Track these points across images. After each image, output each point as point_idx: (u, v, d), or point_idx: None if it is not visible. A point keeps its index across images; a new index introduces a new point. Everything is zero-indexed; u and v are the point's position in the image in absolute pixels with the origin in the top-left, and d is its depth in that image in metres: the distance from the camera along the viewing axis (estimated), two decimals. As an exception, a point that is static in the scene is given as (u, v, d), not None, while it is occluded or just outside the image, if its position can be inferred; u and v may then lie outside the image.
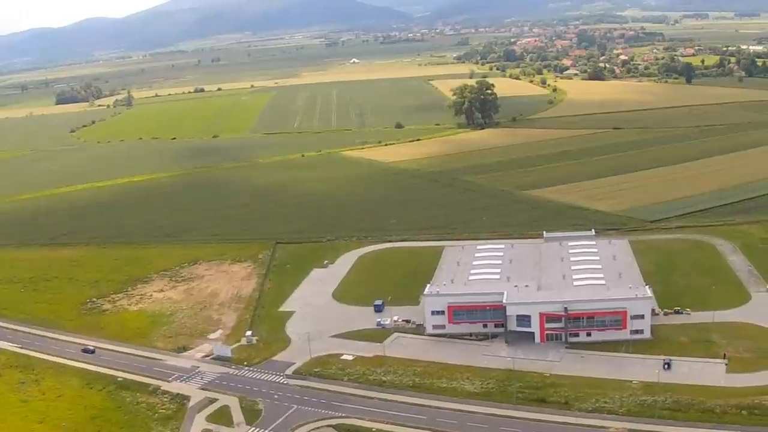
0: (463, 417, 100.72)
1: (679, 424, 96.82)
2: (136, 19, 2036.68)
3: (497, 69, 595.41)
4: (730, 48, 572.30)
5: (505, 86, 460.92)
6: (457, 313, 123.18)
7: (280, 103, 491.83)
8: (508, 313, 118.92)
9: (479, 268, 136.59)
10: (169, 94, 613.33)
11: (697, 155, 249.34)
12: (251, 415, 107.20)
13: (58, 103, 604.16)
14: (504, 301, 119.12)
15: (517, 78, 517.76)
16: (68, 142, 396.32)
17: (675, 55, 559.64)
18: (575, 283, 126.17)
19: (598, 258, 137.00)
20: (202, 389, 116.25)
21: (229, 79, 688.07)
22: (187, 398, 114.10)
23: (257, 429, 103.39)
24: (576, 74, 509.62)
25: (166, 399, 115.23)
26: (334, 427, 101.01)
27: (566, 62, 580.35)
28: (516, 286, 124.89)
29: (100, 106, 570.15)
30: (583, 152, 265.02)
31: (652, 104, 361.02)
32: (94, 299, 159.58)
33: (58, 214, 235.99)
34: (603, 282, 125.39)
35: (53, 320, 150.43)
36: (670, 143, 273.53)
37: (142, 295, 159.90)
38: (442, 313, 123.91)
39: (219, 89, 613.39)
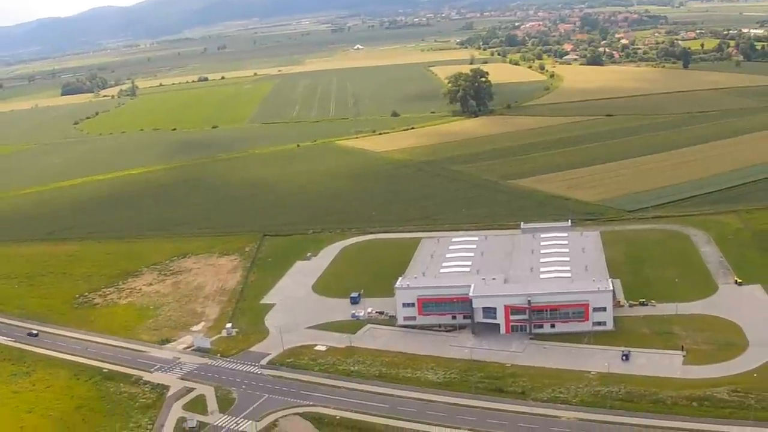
0: (423, 406, 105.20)
1: (629, 415, 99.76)
2: (144, 6, 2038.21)
3: (498, 54, 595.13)
4: (731, 31, 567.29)
5: (503, 72, 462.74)
6: (426, 305, 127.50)
7: (281, 91, 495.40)
8: (474, 306, 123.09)
9: (451, 261, 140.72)
10: (173, 84, 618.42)
11: (684, 143, 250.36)
12: (225, 403, 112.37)
13: (63, 94, 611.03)
14: (470, 293, 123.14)
15: (517, 63, 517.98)
16: (72, 135, 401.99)
17: (676, 39, 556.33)
18: (542, 275, 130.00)
19: (567, 250, 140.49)
20: (182, 379, 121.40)
21: (234, 68, 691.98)
22: (166, 388, 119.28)
23: (229, 417, 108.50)
24: (575, 59, 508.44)
25: (147, 389, 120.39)
26: (300, 414, 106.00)
27: (567, 47, 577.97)
28: (484, 278, 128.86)
29: (104, 96, 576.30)
30: (572, 140, 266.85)
31: (647, 90, 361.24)
32: (86, 293, 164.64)
33: (58, 208, 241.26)
34: (569, 275, 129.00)
35: (47, 315, 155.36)
36: (659, 131, 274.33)
37: (131, 288, 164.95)
38: (413, 305, 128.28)
39: (222, 78, 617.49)
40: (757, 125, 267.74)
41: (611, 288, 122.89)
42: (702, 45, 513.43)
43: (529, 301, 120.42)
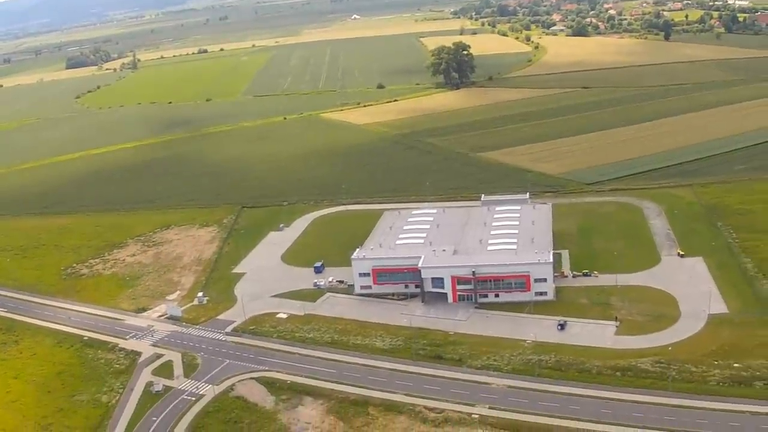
0: (367, 371, 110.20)
1: (554, 383, 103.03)
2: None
3: (489, 25, 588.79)
4: (716, 2, 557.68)
5: (491, 43, 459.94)
6: (380, 275, 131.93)
7: (276, 63, 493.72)
8: (423, 276, 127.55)
9: (408, 233, 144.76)
10: (174, 56, 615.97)
11: (653, 116, 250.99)
12: (190, 368, 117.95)
13: (68, 67, 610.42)
14: (419, 265, 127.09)
15: (505, 34, 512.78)
16: (73, 109, 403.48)
17: (663, 10, 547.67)
18: (489, 247, 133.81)
19: (517, 223, 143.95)
20: (153, 346, 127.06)
21: (235, 39, 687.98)
22: (138, 354, 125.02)
23: (192, 381, 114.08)
24: (562, 30, 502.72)
25: (121, 355, 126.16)
26: (256, 379, 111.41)
27: (555, 17, 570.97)
28: (434, 250, 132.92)
29: (107, 69, 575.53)
30: (545, 113, 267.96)
31: (625, 62, 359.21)
32: (75, 265, 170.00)
33: (53, 183, 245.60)
34: (514, 247, 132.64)
35: (37, 285, 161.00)
36: (631, 103, 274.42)
37: (116, 259, 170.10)
38: (368, 275, 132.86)
39: (222, 49, 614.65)
40: (727, 98, 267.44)
41: (551, 260, 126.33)
42: (686, 16, 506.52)
43: (473, 272, 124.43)
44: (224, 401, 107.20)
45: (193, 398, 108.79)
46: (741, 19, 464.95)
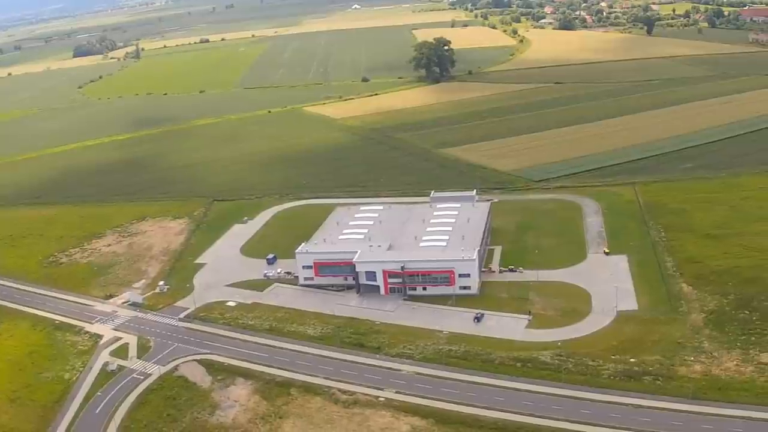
0: (295, 356, 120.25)
1: (459, 371, 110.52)
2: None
3: (481, 17, 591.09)
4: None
5: (478, 36, 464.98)
6: (321, 268, 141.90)
7: (272, 54, 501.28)
8: (357, 270, 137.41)
9: (352, 228, 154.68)
10: (177, 45, 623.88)
11: (616, 113, 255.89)
12: (143, 350, 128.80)
13: (75, 56, 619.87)
14: (354, 259, 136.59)
15: (494, 27, 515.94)
16: (74, 100, 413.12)
17: (652, 3, 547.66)
18: (421, 244, 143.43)
19: (453, 220, 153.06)
20: (114, 330, 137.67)
21: (238, 28, 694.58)
22: (100, 337, 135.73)
23: (144, 362, 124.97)
24: (550, 23, 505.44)
25: (86, 337, 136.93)
26: (198, 361, 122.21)
27: (547, 10, 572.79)
28: (371, 246, 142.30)
29: (112, 58, 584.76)
30: (514, 109, 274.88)
31: (603, 57, 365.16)
32: (56, 254, 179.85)
33: (45, 174, 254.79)
34: (444, 244, 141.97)
35: (19, 273, 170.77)
36: (599, 100, 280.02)
37: (93, 249, 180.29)
38: (311, 267, 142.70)
39: (223, 39, 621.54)
40: (692, 96, 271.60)
41: (475, 257, 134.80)
42: (674, 10, 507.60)
43: (402, 266, 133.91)
44: (168, 380, 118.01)
45: (142, 377, 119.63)
46: (726, 13, 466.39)
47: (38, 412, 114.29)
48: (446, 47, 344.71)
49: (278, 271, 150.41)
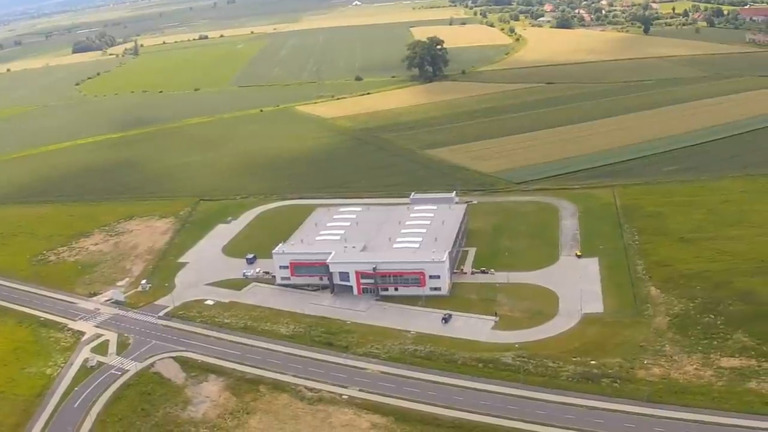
0: (267, 354, 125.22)
1: (423, 371, 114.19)
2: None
3: (481, 15, 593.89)
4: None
5: (475, 34, 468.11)
6: (297, 268, 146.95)
7: (268, 52, 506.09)
8: (331, 270, 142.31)
9: (329, 230, 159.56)
10: (176, 42, 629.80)
11: (603, 114, 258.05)
12: (122, 347, 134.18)
13: (74, 52, 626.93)
14: (328, 260, 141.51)
15: (492, 25, 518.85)
16: (71, 97, 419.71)
17: (652, 2, 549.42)
18: (395, 245, 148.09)
19: (428, 222, 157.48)
20: (96, 327, 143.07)
21: (238, 24, 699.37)
22: (83, 334, 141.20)
23: (122, 358, 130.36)
24: (548, 21, 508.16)
25: (68, 334, 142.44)
26: (174, 358, 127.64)
27: (547, 7, 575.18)
28: (345, 247, 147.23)
29: (111, 55, 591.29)
30: (503, 109, 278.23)
31: (597, 57, 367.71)
32: (44, 252, 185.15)
33: (38, 173, 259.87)
34: (417, 245, 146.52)
35: (9, 271, 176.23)
36: (588, 100, 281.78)
37: (81, 248, 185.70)
38: (287, 267, 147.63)
39: (221, 36, 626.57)
40: (682, 97, 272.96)
41: (445, 259, 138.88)
42: (673, 8, 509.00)
43: (374, 268, 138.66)
44: (144, 376, 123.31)
45: (120, 373, 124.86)
46: (725, 12, 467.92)
47: (21, 405, 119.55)
48: (439, 47, 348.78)
49: (257, 270, 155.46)
